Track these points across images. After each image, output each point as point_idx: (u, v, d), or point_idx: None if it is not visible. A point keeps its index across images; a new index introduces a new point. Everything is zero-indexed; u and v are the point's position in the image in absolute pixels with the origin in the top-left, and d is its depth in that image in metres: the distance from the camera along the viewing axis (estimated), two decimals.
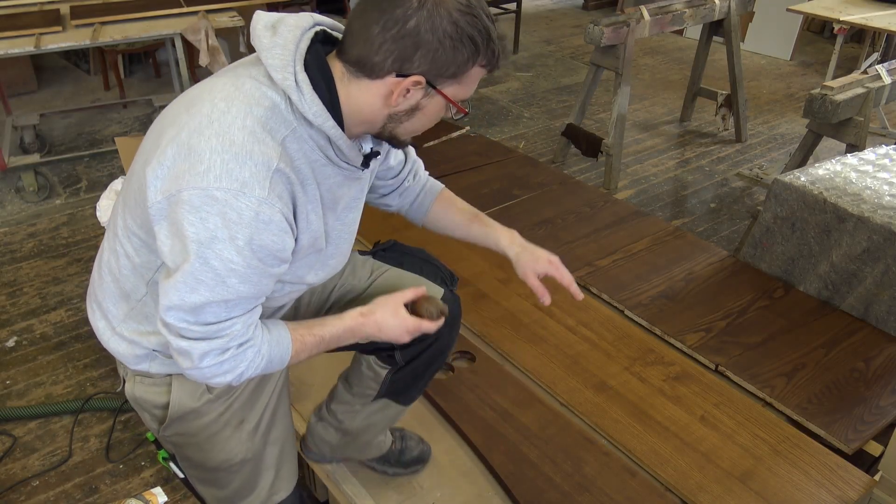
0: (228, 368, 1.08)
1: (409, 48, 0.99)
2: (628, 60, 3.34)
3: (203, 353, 1.04)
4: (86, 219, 3.19)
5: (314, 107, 1.02)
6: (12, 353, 2.41)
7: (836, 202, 2.22)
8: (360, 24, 1.01)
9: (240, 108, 1.00)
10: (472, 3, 1.01)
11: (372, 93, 1.04)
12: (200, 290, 1.00)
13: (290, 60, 1.01)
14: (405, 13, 0.98)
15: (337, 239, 1.21)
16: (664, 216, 3.31)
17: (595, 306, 2.25)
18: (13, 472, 1.96)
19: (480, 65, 1.05)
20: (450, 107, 1.09)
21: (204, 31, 3.44)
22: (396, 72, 1.01)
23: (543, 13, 6.68)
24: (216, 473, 1.35)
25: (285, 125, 1.02)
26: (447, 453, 1.76)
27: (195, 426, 1.27)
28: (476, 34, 1.01)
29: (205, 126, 1.00)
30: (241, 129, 0.99)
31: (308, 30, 1.05)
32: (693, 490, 1.64)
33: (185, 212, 0.97)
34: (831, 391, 1.93)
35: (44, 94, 4.54)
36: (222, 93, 1.03)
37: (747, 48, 5.46)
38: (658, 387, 1.93)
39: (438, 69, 1.02)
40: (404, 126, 1.10)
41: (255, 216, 0.98)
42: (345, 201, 1.18)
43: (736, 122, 4.07)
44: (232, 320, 1.05)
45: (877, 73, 2.83)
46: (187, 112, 1.03)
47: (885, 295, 2.14)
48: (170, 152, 1.01)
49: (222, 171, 0.97)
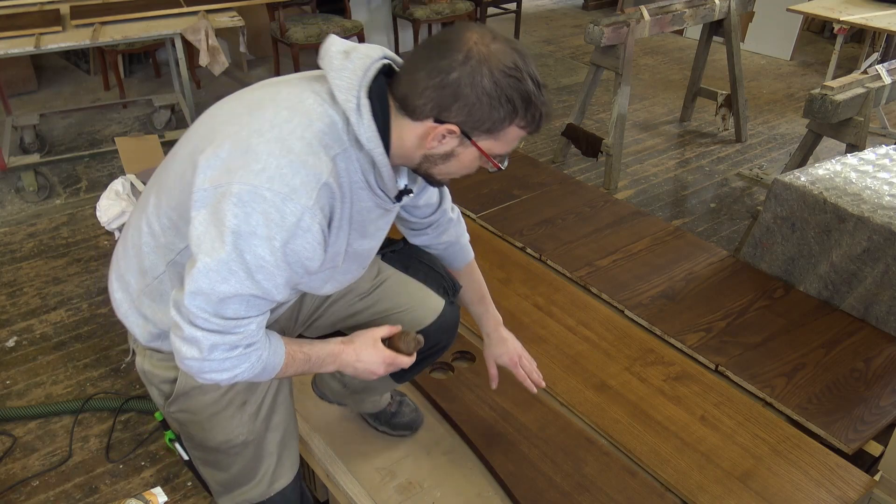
0: (230, 366, 1.10)
1: (449, 98, 1.05)
2: (628, 60, 3.34)
3: (213, 345, 1.07)
4: (86, 219, 3.19)
5: (369, 132, 1.07)
6: (12, 353, 2.41)
7: (836, 202, 2.22)
8: (411, 66, 1.08)
9: (301, 120, 1.06)
10: (519, 65, 1.06)
11: (411, 131, 1.10)
12: (231, 280, 1.03)
13: (356, 85, 1.07)
14: (450, 65, 1.04)
15: (352, 260, 1.26)
16: (664, 216, 3.31)
17: (595, 306, 2.25)
18: (13, 472, 1.97)
19: (518, 126, 1.10)
20: (484, 159, 1.14)
21: (204, 31, 3.45)
22: (434, 117, 1.07)
23: (543, 13, 6.69)
24: (218, 455, 1.37)
25: (339, 144, 1.08)
26: (447, 453, 1.76)
27: (199, 403, 1.30)
28: (516, 97, 1.06)
29: (266, 130, 1.05)
30: (299, 139, 1.04)
31: (377, 60, 1.10)
32: (693, 490, 1.64)
33: (231, 203, 1.01)
34: (831, 391, 1.93)
35: (44, 94, 4.54)
36: (287, 102, 1.09)
37: (747, 48, 5.46)
38: (658, 387, 1.93)
39: (474, 123, 1.07)
40: (439, 168, 1.15)
41: (296, 222, 1.03)
42: (370, 229, 1.23)
43: (736, 122, 4.07)
44: (249, 319, 1.09)
45: (877, 73, 2.83)
46: (249, 114, 1.09)
47: (885, 295, 2.15)
48: (227, 145, 1.06)
49: (275, 174, 1.02)
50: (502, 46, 1.06)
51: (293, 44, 4.37)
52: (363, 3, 5.13)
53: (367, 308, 1.46)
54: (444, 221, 1.51)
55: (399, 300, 1.45)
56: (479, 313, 1.61)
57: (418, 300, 1.45)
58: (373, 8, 5.21)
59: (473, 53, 1.04)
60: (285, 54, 4.78)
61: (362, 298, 1.46)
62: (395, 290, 1.44)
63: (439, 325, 1.46)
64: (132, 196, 2.75)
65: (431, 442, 1.77)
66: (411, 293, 1.45)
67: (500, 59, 1.05)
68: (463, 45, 1.04)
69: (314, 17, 4.65)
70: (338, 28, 4.51)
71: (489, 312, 1.61)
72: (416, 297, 1.45)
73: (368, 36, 5.04)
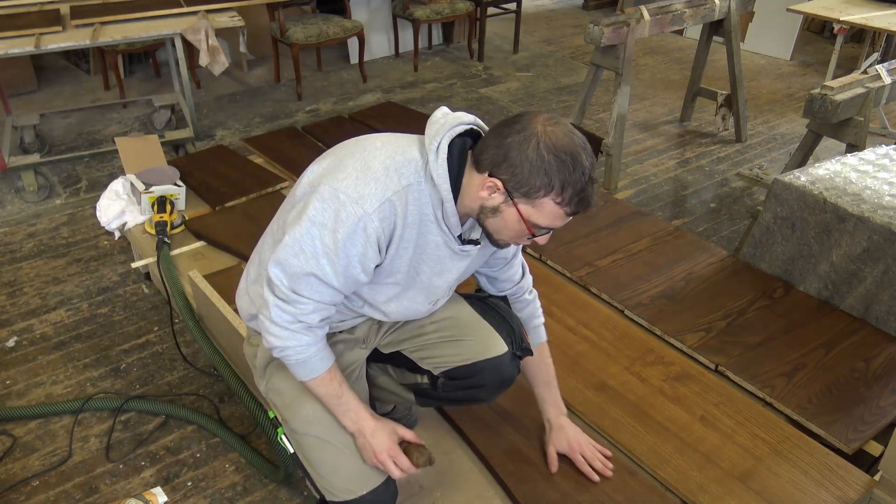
0: (284, 336, 1.34)
1: (501, 157, 1.25)
2: (628, 60, 3.34)
3: (278, 307, 1.32)
4: (86, 219, 3.19)
5: (440, 170, 1.29)
6: (12, 353, 2.41)
7: (836, 202, 2.22)
8: (489, 132, 1.30)
9: (389, 151, 1.32)
10: (571, 150, 1.23)
11: (473, 181, 1.30)
12: (300, 257, 1.28)
13: (440, 134, 1.30)
14: (510, 130, 1.25)
15: (420, 290, 1.44)
16: (664, 216, 3.31)
17: (595, 306, 2.25)
18: (13, 472, 1.97)
19: (555, 201, 1.25)
20: (531, 227, 1.30)
21: (204, 31, 3.44)
22: (489, 171, 1.27)
23: (543, 13, 6.69)
24: (306, 439, 1.49)
25: (415, 177, 1.30)
26: (447, 453, 1.76)
27: (280, 381, 1.52)
28: (555, 174, 1.23)
29: (358, 153, 1.32)
30: (381, 163, 1.29)
31: (465, 123, 1.33)
32: (693, 490, 1.64)
33: (315, 199, 1.28)
34: (831, 391, 1.93)
35: (44, 94, 4.54)
36: (385, 139, 1.36)
37: (747, 48, 5.46)
38: (658, 387, 1.93)
39: (515, 184, 1.25)
40: (490, 221, 1.33)
41: (356, 221, 1.26)
42: (441, 265, 1.41)
43: (736, 122, 4.07)
44: (309, 300, 1.32)
45: (877, 73, 2.83)
46: (355, 143, 1.37)
47: (885, 295, 2.15)
48: (328, 161, 1.35)
49: (352, 183, 1.27)
50: (560, 131, 1.24)
51: (293, 44, 4.37)
52: (363, 3, 5.13)
53: (435, 332, 1.56)
54: (520, 299, 1.67)
55: (464, 331, 1.53)
56: (542, 397, 1.72)
57: (482, 336, 1.52)
58: (373, 8, 5.21)
59: (531, 128, 1.24)
60: (285, 54, 4.79)
61: (433, 322, 1.56)
62: (465, 321, 1.56)
63: (492, 366, 1.50)
64: (132, 196, 2.76)
65: (431, 442, 1.77)
66: (478, 329, 1.54)
67: (551, 139, 1.22)
68: (528, 121, 1.25)
69: (314, 17, 4.65)
70: (338, 28, 4.51)
71: (553, 399, 1.72)
72: (481, 333, 1.52)
73: (368, 36, 5.05)
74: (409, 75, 5.07)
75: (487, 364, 1.49)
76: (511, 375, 1.54)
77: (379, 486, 1.48)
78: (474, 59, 5.39)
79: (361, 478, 1.47)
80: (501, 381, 1.52)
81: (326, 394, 1.43)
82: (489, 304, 1.61)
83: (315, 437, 1.48)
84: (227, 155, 3.21)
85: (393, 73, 5.11)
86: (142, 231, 2.64)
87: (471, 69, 5.21)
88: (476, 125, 1.36)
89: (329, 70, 5.13)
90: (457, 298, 1.63)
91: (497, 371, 1.50)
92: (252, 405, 1.90)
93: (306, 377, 1.40)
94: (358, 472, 1.47)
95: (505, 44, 5.71)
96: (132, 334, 2.49)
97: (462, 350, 1.50)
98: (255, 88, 4.77)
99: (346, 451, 1.47)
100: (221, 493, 1.89)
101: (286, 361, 1.39)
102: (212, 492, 1.90)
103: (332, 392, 1.42)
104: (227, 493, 1.90)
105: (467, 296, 1.64)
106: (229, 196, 2.83)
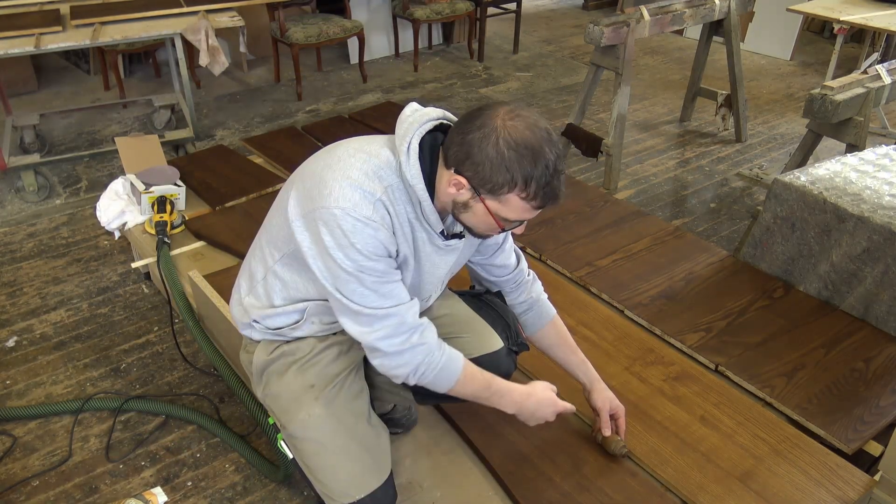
0: (406, 359, 1.35)
1: (463, 155, 1.25)
2: (628, 60, 3.34)
3: (383, 339, 1.33)
4: (86, 219, 3.19)
5: (412, 170, 1.29)
6: (12, 353, 2.41)
7: (836, 202, 2.22)
8: (455, 125, 1.29)
9: (362, 157, 1.31)
10: (533, 143, 1.21)
11: (442, 177, 1.31)
12: (351, 283, 1.29)
13: (410, 133, 1.30)
14: (471, 126, 1.24)
15: (413, 287, 1.43)
16: (664, 216, 3.31)
17: (595, 306, 2.25)
18: (13, 472, 1.97)
19: (520, 196, 1.25)
20: (500, 222, 1.31)
21: (204, 31, 3.44)
22: (454, 168, 1.27)
23: (543, 13, 6.69)
24: (304, 444, 1.48)
25: (392, 178, 1.31)
26: (447, 453, 1.76)
27: (276, 387, 1.50)
28: (517, 171, 1.22)
29: (334, 164, 1.32)
30: (359, 170, 1.29)
31: (433, 119, 1.33)
32: (693, 490, 1.64)
33: (321, 228, 1.28)
34: (831, 391, 1.93)
35: (44, 94, 4.54)
36: (356, 144, 1.35)
37: (747, 48, 5.46)
38: (658, 387, 1.93)
39: (479, 181, 1.25)
40: (463, 216, 1.34)
41: (363, 226, 1.26)
42: (429, 261, 1.42)
43: (736, 122, 4.07)
44: (392, 307, 1.32)
45: (877, 73, 2.83)
46: (327, 153, 1.37)
47: (885, 295, 2.14)
48: (308, 179, 1.34)
49: (339, 195, 1.27)
50: (521, 125, 1.22)
51: (293, 44, 4.37)
52: (363, 3, 5.13)
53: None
54: (522, 281, 1.67)
55: (461, 327, 1.56)
56: (575, 363, 1.71)
57: (477, 332, 1.56)
58: (373, 8, 5.21)
59: (491, 124, 1.22)
60: (285, 54, 4.79)
61: (430, 319, 1.53)
62: (461, 318, 1.58)
63: (489, 362, 1.52)
64: (132, 196, 2.76)
65: (431, 442, 1.77)
66: (473, 326, 1.57)
67: (512, 134, 1.21)
68: (488, 116, 1.23)
69: (314, 17, 4.65)
70: (338, 28, 4.51)
71: (588, 363, 1.71)
72: (476, 330, 1.56)
73: (368, 36, 5.05)
74: (409, 75, 5.07)
75: (484, 360, 1.51)
76: (508, 370, 1.55)
77: (377, 489, 1.48)
78: (474, 59, 5.39)
79: (360, 481, 1.47)
80: (497, 373, 1.52)
81: (475, 390, 1.43)
82: (484, 301, 1.62)
83: (312, 442, 1.47)
84: (227, 155, 3.21)
85: (393, 73, 5.11)
86: (142, 231, 2.64)
87: (471, 69, 5.22)
88: (445, 119, 1.36)
89: (329, 70, 5.13)
90: (452, 296, 1.63)
91: (494, 366, 1.51)
92: (252, 405, 1.90)
93: (451, 383, 1.40)
94: (356, 476, 1.47)
95: (505, 44, 5.71)
96: (132, 334, 2.49)
97: (459, 346, 1.49)
98: (255, 88, 4.77)
99: (344, 455, 1.46)
100: (221, 493, 1.90)
101: (426, 381, 1.38)
102: (212, 492, 1.90)
103: (480, 385, 1.42)
104: (227, 493, 1.90)
105: (462, 293, 1.65)
106: (229, 196, 2.83)
